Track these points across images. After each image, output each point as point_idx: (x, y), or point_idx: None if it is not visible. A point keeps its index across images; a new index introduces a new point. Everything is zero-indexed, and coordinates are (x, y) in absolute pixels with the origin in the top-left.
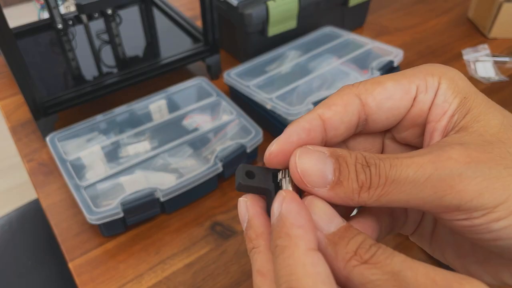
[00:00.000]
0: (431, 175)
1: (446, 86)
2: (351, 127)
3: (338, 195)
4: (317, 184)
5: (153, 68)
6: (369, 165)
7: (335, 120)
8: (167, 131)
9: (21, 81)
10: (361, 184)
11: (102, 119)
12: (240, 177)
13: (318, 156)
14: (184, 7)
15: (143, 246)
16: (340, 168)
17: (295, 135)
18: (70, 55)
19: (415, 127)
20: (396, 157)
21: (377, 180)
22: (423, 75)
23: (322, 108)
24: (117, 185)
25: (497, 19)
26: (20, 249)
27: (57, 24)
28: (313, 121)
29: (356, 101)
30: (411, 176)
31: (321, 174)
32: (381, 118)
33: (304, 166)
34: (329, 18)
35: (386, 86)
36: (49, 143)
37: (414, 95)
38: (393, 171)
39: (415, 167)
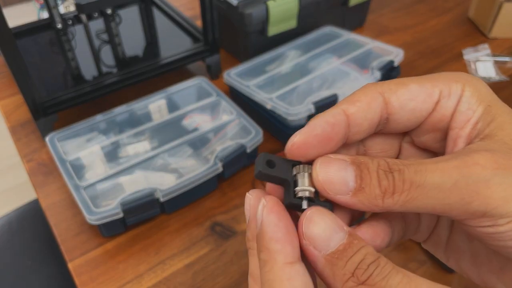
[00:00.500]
0: (457, 181)
1: (470, 94)
2: (373, 124)
3: (361, 202)
4: (339, 191)
5: (153, 68)
6: (392, 171)
7: (358, 116)
8: (167, 131)
9: (21, 81)
10: (384, 190)
11: (102, 119)
12: (260, 165)
13: (339, 164)
14: (184, 6)
15: (143, 247)
16: (361, 174)
17: (319, 127)
18: (70, 55)
19: (435, 132)
20: (420, 162)
21: (401, 185)
22: (447, 81)
23: (346, 103)
24: (117, 185)
25: (497, 19)
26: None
27: (56, 24)
28: (337, 116)
29: (379, 99)
30: (436, 182)
31: (342, 182)
32: (403, 119)
33: (325, 174)
34: (329, 17)
35: (410, 87)
36: (48, 143)
37: (437, 99)
38: (418, 176)
39: (441, 172)
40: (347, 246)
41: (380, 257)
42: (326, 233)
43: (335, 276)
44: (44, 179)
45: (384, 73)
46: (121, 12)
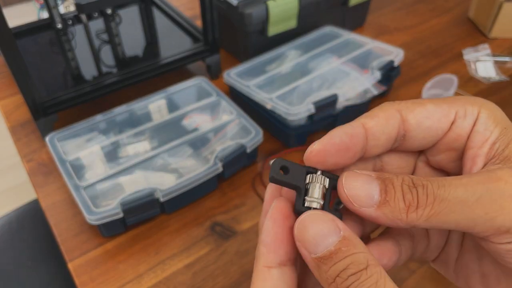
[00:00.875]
0: (481, 195)
1: (486, 116)
2: (391, 140)
3: (386, 215)
4: (364, 204)
5: (152, 68)
6: (416, 186)
7: (376, 130)
8: (166, 131)
9: (21, 81)
10: (408, 204)
11: (102, 119)
12: (274, 171)
13: (364, 178)
14: (184, 6)
15: (142, 247)
16: (386, 188)
17: (338, 137)
18: (70, 55)
19: (450, 151)
20: (443, 178)
21: (425, 200)
22: (463, 103)
23: (365, 118)
24: (117, 185)
25: (497, 19)
26: (19, 250)
27: (56, 23)
28: (356, 128)
29: (397, 116)
30: (460, 196)
31: (367, 194)
32: (419, 137)
33: (351, 187)
34: (329, 17)
35: (427, 107)
36: (48, 143)
37: (453, 119)
38: (441, 191)
39: (465, 187)
40: (333, 253)
41: (364, 270)
42: (316, 238)
43: (321, 278)
44: (44, 179)
45: (384, 73)
46: (121, 12)
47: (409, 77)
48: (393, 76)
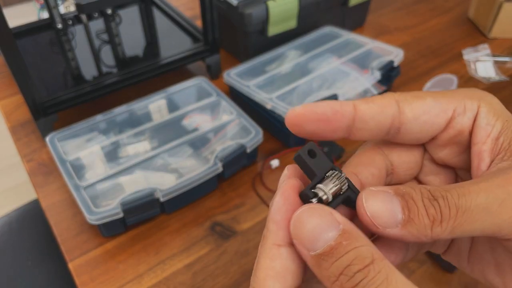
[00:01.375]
0: (504, 199)
1: (486, 110)
2: (382, 128)
3: (411, 233)
4: (388, 224)
5: (153, 68)
6: (436, 198)
7: (367, 114)
8: (167, 131)
9: (21, 81)
10: (432, 219)
11: (102, 119)
12: (303, 151)
13: (384, 196)
14: (184, 6)
15: (142, 247)
16: (408, 205)
17: (321, 108)
18: (70, 55)
19: (453, 146)
20: (460, 186)
21: (448, 212)
22: (461, 98)
23: (360, 101)
24: (117, 185)
25: (497, 19)
26: (19, 250)
27: (56, 24)
28: (345, 106)
29: (394, 106)
30: (483, 203)
31: (391, 214)
32: (414, 130)
33: (373, 209)
34: (329, 18)
35: (426, 101)
36: (48, 143)
37: (450, 115)
38: (463, 201)
39: (485, 193)
40: (334, 248)
41: (371, 265)
42: (314, 233)
43: (322, 276)
44: (44, 179)
45: (384, 73)
46: (121, 12)
47: (409, 77)
48: (393, 76)
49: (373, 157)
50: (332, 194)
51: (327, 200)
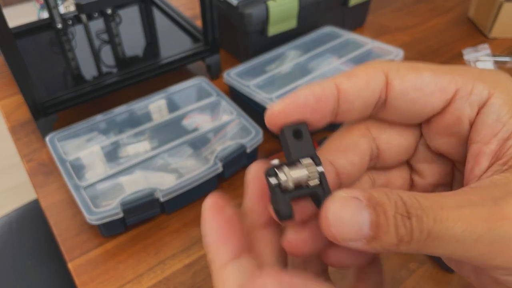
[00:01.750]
0: (481, 236)
1: (501, 102)
2: (369, 106)
3: (373, 248)
4: (352, 239)
5: (153, 68)
6: (410, 217)
7: (352, 93)
8: (167, 131)
9: (21, 81)
10: (400, 239)
11: (102, 119)
12: (288, 128)
13: (354, 207)
14: (184, 6)
15: (142, 247)
16: (378, 221)
17: (303, 98)
18: (70, 55)
19: (449, 137)
20: (441, 207)
21: (419, 236)
22: (471, 78)
23: (342, 77)
24: (117, 185)
25: (497, 18)
26: (19, 250)
27: (56, 24)
28: (327, 89)
29: (381, 78)
30: (457, 235)
31: (357, 229)
32: (401, 108)
33: (338, 222)
34: (329, 17)
35: (422, 74)
36: (48, 143)
37: (450, 97)
38: (437, 227)
39: (463, 224)
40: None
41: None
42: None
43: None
44: (44, 179)
45: None
46: (121, 12)
47: None
48: None
49: (357, 140)
50: (294, 183)
51: (286, 186)
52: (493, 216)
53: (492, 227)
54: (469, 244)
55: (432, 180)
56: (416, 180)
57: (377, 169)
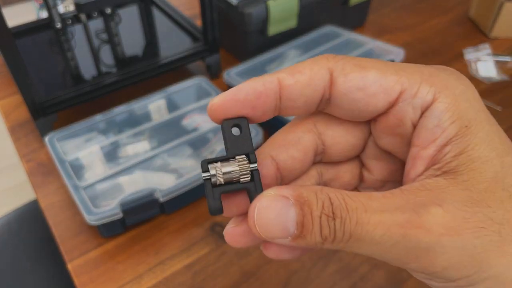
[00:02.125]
0: (397, 242)
1: (444, 107)
2: (312, 103)
3: (299, 245)
4: (277, 237)
5: (152, 67)
6: (334, 218)
7: (294, 90)
8: (166, 131)
9: (20, 80)
10: (324, 238)
11: (101, 119)
12: (228, 121)
13: (281, 206)
14: (184, 6)
15: (142, 247)
16: (303, 221)
17: (243, 93)
18: (69, 55)
19: (394, 137)
20: (365, 209)
21: (341, 237)
22: (419, 81)
23: (285, 73)
24: (116, 185)
25: (498, 18)
26: (18, 250)
27: (56, 23)
28: (269, 84)
29: (325, 77)
30: (376, 239)
31: (282, 229)
32: (345, 106)
33: (264, 221)
34: (329, 17)
35: (368, 74)
36: (47, 143)
37: (394, 99)
38: (358, 229)
39: (382, 229)
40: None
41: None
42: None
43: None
44: (43, 179)
45: None
46: (121, 12)
47: None
48: None
49: (301, 136)
50: (224, 179)
51: (216, 182)
52: (409, 223)
53: (407, 234)
54: (386, 248)
55: (380, 177)
56: (365, 176)
57: (325, 163)
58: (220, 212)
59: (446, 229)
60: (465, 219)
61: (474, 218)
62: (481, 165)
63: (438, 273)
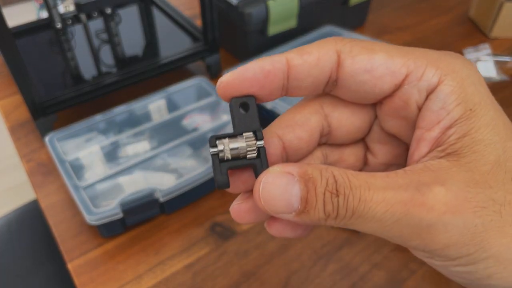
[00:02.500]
0: (399, 219)
1: (449, 90)
2: (319, 84)
3: (303, 221)
4: (282, 212)
5: (152, 67)
6: (338, 194)
7: (302, 70)
8: (166, 131)
9: (20, 80)
10: (327, 214)
11: (101, 119)
12: (237, 99)
13: (286, 181)
14: (184, 6)
15: (142, 247)
16: (307, 196)
17: (251, 72)
18: (69, 55)
19: (399, 120)
20: (368, 187)
21: (344, 213)
22: (425, 64)
23: (294, 53)
24: (116, 185)
25: (498, 18)
26: (19, 250)
27: (56, 23)
28: (277, 64)
29: (333, 58)
30: (378, 216)
31: (287, 204)
32: (351, 88)
33: (269, 195)
34: (329, 17)
35: (375, 56)
36: (48, 143)
37: (400, 81)
38: (361, 207)
39: (385, 206)
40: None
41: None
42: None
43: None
44: (44, 179)
45: None
46: (121, 12)
47: None
48: None
49: (308, 116)
50: (232, 155)
51: (223, 157)
52: (412, 201)
53: (410, 212)
54: (388, 225)
55: (384, 160)
56: (369, 159)
57: (330, 145)
58: (227, 186)
59: (449, 207)
60: (467, 199)
61: (476, 198)
62: (484, 148)
63: (439, 251)
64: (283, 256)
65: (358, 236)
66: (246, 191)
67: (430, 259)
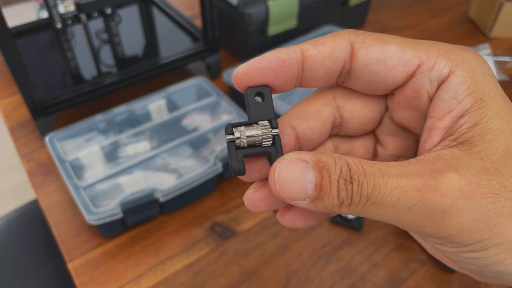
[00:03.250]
0: (413, 205)
1: (460, 80)
2: (332, 75)
3: (317, 208)
4: (296, 198)
5: (152, 67)
6: (352, 181)
7: (316, 61)
8: (166, 131)
9: (20, 80)
10: (341, 201)
11: (101, 119)
12: (252, 89)
13: (300, 168)
14: (184, 6)
15: (142, 247)
16: (322, 183)
17: (267, 61)
18: (69, 55)
19: (411, 110)
20: (382, 174)
21: (358, 200)
22: (436, 54)
23: (308, 44)
24: (117, 185)
25: (498, 18)
26: (19, 250)
27: (56, 23)
28: (292, 54)
29: (346, 49)
30: (392, 202)
31: (301, 190)
32: (364, 79)
33: (284, 181)
34: (329, 17)
35: (388, 47)
36: (48, 143)
37: (412, 72)
38: (375, 193)
39: (399, 192)
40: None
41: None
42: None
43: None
44: (44, 179)
45: None
46: (121, 12)
47: None
48: None
49: (320, 107)
50: (248, 142)
51: (240, 144)
52: (426, 187)
53: (424, 198)
54: (402, 211)
55: (394, 152)
56: (379, 151)
57: (341, 137)
58: (243, 173)
59: (462, 193)
60: (480, 185)
61: (488, 184)
62: (495, 137)
63: (452, 237)
64: (283, 256)
65: (358, 236)
66: (261, 180)
67: (442, 245)
